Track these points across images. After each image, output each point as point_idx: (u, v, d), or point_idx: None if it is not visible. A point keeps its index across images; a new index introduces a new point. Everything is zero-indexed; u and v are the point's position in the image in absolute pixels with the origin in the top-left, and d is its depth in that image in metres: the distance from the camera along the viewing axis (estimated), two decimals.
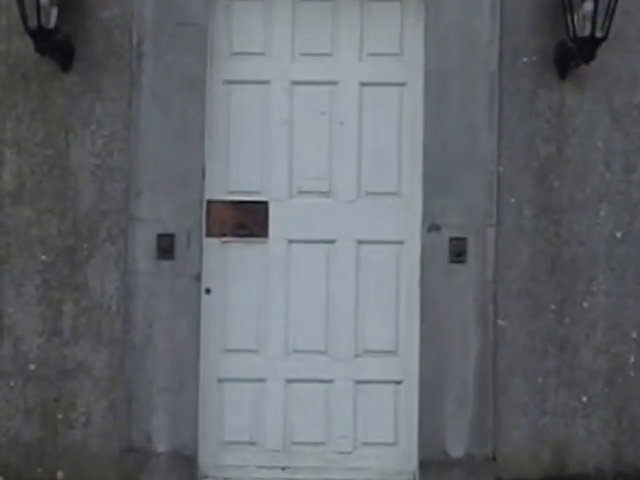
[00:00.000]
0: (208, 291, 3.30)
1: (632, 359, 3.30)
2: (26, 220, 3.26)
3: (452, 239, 3.23)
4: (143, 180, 3.21)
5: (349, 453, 3.34)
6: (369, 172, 3.35)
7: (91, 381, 3.24)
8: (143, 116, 3.22)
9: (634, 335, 3.30)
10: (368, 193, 3.35)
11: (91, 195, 3.25)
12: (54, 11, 3.09)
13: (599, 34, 3.08)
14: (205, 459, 3.31)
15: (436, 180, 3.23)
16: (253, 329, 3.34)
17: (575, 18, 3.10)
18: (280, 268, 3.34)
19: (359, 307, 3.33)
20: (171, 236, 3.20)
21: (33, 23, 3.03)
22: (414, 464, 3.28)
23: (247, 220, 3.31)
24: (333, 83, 3.34)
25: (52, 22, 3.08)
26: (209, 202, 3.32)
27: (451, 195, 3.24)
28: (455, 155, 3.22)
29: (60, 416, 3.27)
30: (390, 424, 3.33)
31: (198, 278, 3.24)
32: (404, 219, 3.32)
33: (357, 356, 3.33)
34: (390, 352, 3.33)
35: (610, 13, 3.07)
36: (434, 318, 3.23)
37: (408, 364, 3.29)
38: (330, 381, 3.31)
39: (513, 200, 3.27)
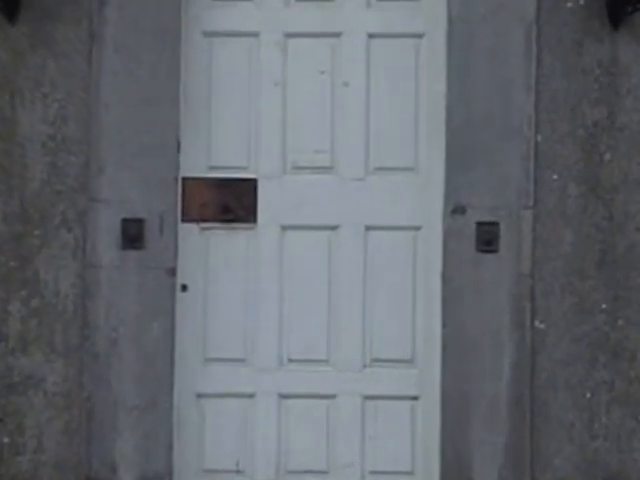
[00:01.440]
0: (184, 288, 3.07)
1: None
2: None
3: (480, 224, 2.98)
4: (106, 153, 3.02)
5: None
6: (379, 143, 3.13)
7: (43, 397, 3.03)
8: (105, 76, 3.04)
9: None
10: (378, 169, 3.12)
11: (43, 172, 3.05)
12: None
13: None
14: None
15: (461, 152, 3.01)
16: (239, 334, 3.13)
17: None
18: (272, 260, 3.12)
19: (367, 307, 3.12)
20: (140, 221, 2.99)
21: None
22: None
23: (232, 202, 3.09)
24: (335, 35, 3.12)
25: None
26: (186, 180, 3.09)
27: (479, 170, 3.00)
28: (484, 121, 3.00)
29: (5, 440, 3.03)
30: (406, 449, 3.11)
31: (172, 272, 3.03)
32: (422, 200, 3.09)
33: (365, 366, 3.10)
34: (405, 361, 3.11)
35: None
36: (459, 320, 3.00)
37: (427, 376, 3.07)
38: (333, 396, 3.09)
39: (555, 176, 3.01)
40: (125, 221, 3.00)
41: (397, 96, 3.12)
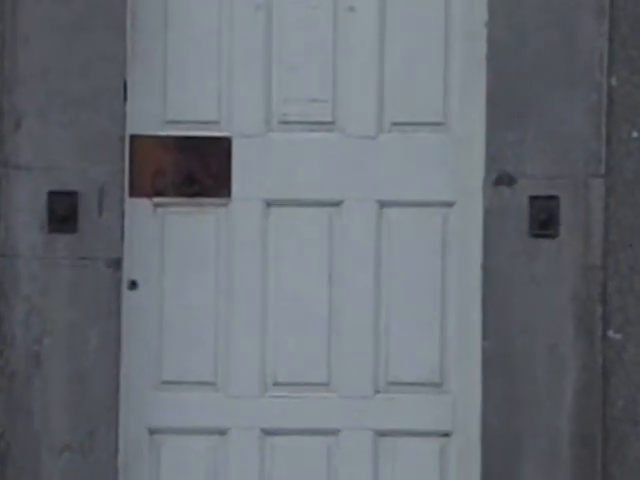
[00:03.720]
0: (134, 285, 2.66)
1: None
2: None
3: (534, 199, 2.61)
4: (24, 102, 2.62)
5: None
6: (397, 90, 2.72)
7: None
8: None
9: None
10: (395, 124, 2.71)
11: None
12: None
13: None
14: None
15: (507, 101, 2.61)
16: (208, 347, 2.69)
17: None
18: (252, 248, 2.69)
19: (381, 310, 2.70)
20: (72, 195, 2.61)
21: None
22: None
23: (197, 169, 2.67)
24: None
25: None
26: (135, 139, 2.67)
27: (532, 126, 2.60)
28: (539, 59, 2.60)
29: None
30: None
31: (117, 264, 2.61)
32: (455, 166, 2.68)
33: (378, 391, 2.70)
34: (433, 385, 2.69)
35: None
36: (505, 328, 2.60)
37: (463, 405, 2.66)
38: (335, 432, 2.70)
39: (635, 134, 2.61)
40: (52, 195, 2.61)
41: (420, 25, 2.70)
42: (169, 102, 2.72)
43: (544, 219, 2.62)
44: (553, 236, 2.63)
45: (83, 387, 2.61)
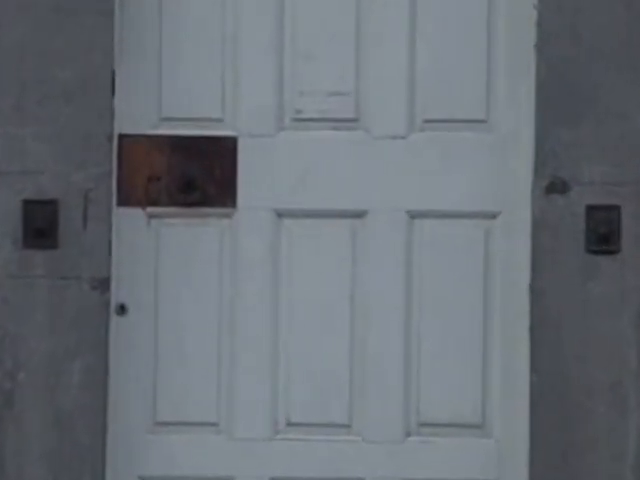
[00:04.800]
0: (123, 310, 2.47)
1: None
2: None
3: (592, 209, 2.43)
4: None
5: None
6: (430, 82, 2.53)
7: None
8: None
9: None
10: (429, 122, 2.52)
11: None
12: None
13: None
14: None
15: (561, 95, 2.42)
16: (209, 383, 2.49)
17: None
18: (260, 265, 2.50)
19: (412, 339, 2.50)
20: (51, 204, 2.47)
21: None
22: None
23: (197, 174, 2.49)
24: None
25: None
26: (125, 139, 2.48)
27: (590, 124, 2.42)
28: (598, 44, 2.41)
29: None
30: None
31: (104, 285, 2.44)
32: (498, 171, 2.49)
33: (409, 434, 2.52)
34: (473, 427, 2.49)
35: None
36: (557, 361, 2.42)
37: (508, 450, 2.47)
38: None
39: None
40: (28, 204, 2.47)
41: (459, 7, 2.50)
42: (164, 96, 2.52)
43: (603, 232, 2.49)
44: (614, 252, 2.48)
45: (64, 431, 2.51)
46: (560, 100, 2.43)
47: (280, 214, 2.54)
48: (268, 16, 2.56)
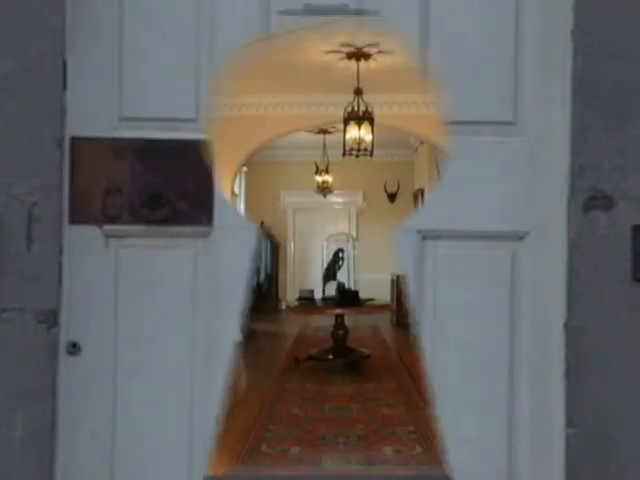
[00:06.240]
0: (75, 348, 1.94)
1: None
2: None
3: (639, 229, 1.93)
4: None
5: None
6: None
7: None
8: None
9: None
10: (446, 124, 2.00)
11: None
12: None
13: None
14: None
15: (602, 93, 1.94)
16: (180, 435, 1.95)
17: None
18: (242, 294, 1.94)
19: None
20: None
21: None
22: None
23: (165, 185, 1.93)
24: None
25: None
26: (78, 142, 1.94)
27: (638, 128, 1.90)
28: None
29: None
30: None
31: (52, 319, 1.91)
32: (528, 183, 1.98)
33: None
34: None
35: None
36: (597, 412, 1.92)
37: None
38: None
39: None
40: None
41: None
42: (126, 91, 2.02)
43: None
44: None
45: None
46: (601, 99, 1.99)
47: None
48: None
